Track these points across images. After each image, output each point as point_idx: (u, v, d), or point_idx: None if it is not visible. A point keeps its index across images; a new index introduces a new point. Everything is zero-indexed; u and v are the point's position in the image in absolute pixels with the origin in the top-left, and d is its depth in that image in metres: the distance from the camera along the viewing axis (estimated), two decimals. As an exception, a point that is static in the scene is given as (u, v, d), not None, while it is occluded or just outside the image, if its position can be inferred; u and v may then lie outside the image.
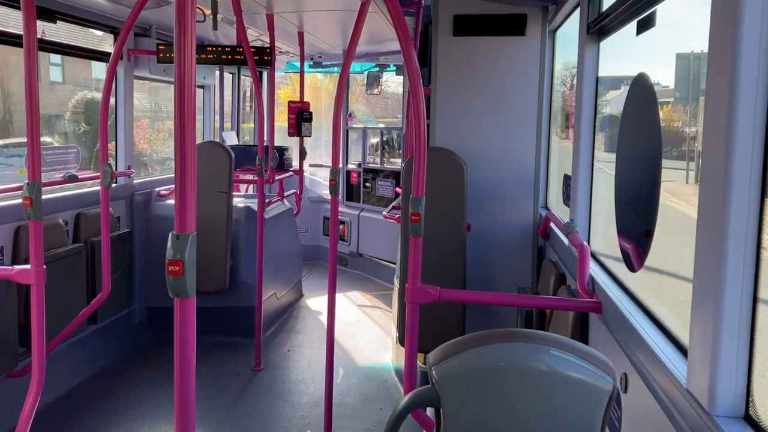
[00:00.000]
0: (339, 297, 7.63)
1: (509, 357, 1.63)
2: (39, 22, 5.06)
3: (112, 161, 6.16)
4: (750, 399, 1.68)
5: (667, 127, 3.18)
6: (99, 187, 4.92)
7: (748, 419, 1.67)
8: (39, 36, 5.39)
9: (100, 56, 6.16)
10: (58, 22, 5.32)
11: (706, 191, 1.76)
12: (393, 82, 10.52)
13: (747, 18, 1.59)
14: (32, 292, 3.36)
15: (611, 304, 2.71)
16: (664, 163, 2.63)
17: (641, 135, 2.83)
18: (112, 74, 4.80)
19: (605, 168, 3.63)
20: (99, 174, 4.87)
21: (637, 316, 2.46)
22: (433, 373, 1.66)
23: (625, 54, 3.67)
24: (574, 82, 5.41)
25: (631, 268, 2.78)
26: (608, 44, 3.60)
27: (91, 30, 6.03)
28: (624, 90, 3.88)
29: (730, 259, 1.65)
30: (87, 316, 5.01)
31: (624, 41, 3.45)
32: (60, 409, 4.84)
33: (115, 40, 5.99)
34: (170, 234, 1.86)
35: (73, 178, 5.57)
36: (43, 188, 3.43)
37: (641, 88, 2.79)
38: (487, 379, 1.63)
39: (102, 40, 6.27)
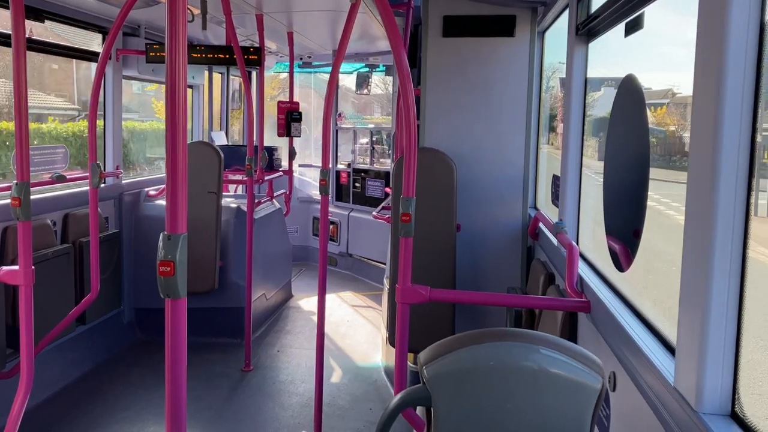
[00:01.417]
0: (328, 297, 7.62)
1: (500, 356, 1.64)
2: (27, 22, 5.04)
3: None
4: (736, 396, 1.70)
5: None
6: (87, 188, 4.89)
7: (735, 417, 1.69)
8: (27, 35, 5.36)
9: (88, 56, 6.12)
10: (46, 21, 5.29)
11: (693, 190, 1.78)
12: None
13: (734, 19, 1.61)
14: (21, 292, 3.34)
15: (600, 304, 2.73)
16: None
17: (629, 136, 2.85)
18: (100, 74, 4.78)
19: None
20: (87, 174, 4.84)
21: (626, 316, 2.48)
22: (424, 372, 1.67)
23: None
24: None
25: (620, 268, 2.81)
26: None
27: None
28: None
29: (716, 258, 1.67)
30: (75, 317, 4.99)
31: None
32: (48, 410, 4.81)
33: (104, 39, 5.97)
34: (161, 234, 1.86)
35: (61, 179, 5.53)
36: (31, 188, 3.41)
37: (629, 89, 2.81)
38: (477, 378, 1.64)
39: (90, 40, 6.24)
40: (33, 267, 3.36)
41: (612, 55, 3.71)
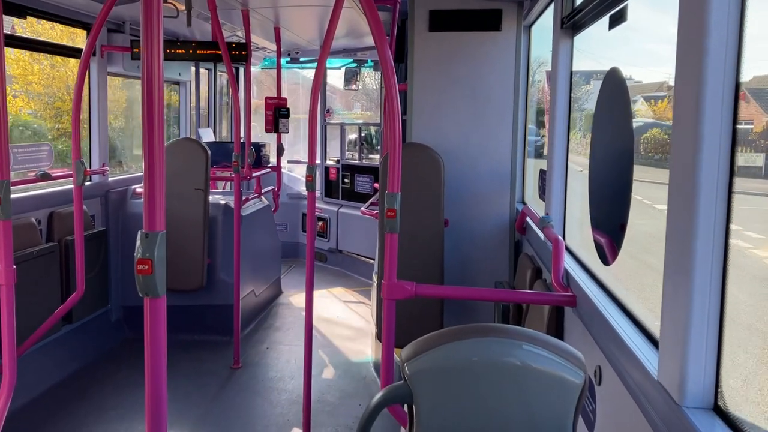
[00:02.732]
0: (319, 293, 7.60)
1: (481, 352, 1.63)
2: (9, 18, 4.98)
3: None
4: (719, 390, 1.70)
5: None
6: (72, 185, 4.84)
7: (717, 410, 1.69)
8: (9, 32, 5.30)
9: (72, 52, 6.06)
10: (28, 17, 5.23)
11: (675, 186, 1.77)
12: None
13: (714, 15, 1.60)
14: (2, 292, 3.30)
15: (585, 298, 2.72)
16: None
17: (614, 129, 2.84)
18: (84, 71, 4.72)
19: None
20: (72, 172, 4.79)
21: (611, 310, 2.48)
22: (406, 369, 1.65)
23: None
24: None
25: (605, 262, 2.80)
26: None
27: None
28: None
29: (698, 253, 1.67)
30: (61, 316, 4.94)
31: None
32: (36, 410, 4.77)
33: (88, 36, 5.91)
34: (139, 232, 1.84)
35: (45, 176, 5.47)
36: (15, 187, 3.37)
37: (614, 83, 2.80)
38: (459, 375, 1.63)
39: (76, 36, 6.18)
40: (15, 266, 3.33)
41: (601, 49, 3.71)
